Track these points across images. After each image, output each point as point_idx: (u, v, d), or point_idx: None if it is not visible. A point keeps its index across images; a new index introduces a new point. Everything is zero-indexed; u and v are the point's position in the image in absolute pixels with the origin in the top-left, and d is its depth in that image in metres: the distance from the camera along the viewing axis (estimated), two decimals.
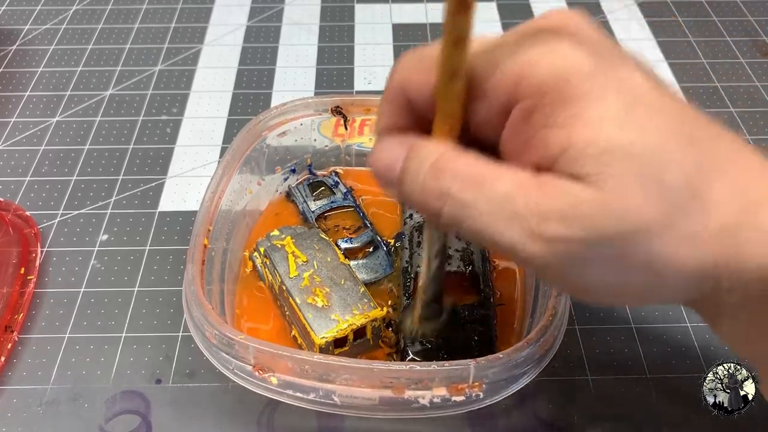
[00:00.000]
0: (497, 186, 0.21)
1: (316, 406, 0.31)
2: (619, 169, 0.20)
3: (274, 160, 0.43)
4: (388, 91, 0.25)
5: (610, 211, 0.20)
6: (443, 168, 0.22)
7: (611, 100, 0.21)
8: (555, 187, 0.21)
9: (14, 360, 0.37)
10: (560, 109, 0.21)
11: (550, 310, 0.31)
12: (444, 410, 0.30)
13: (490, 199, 0.21)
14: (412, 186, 0.23)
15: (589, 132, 0.20)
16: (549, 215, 0.21)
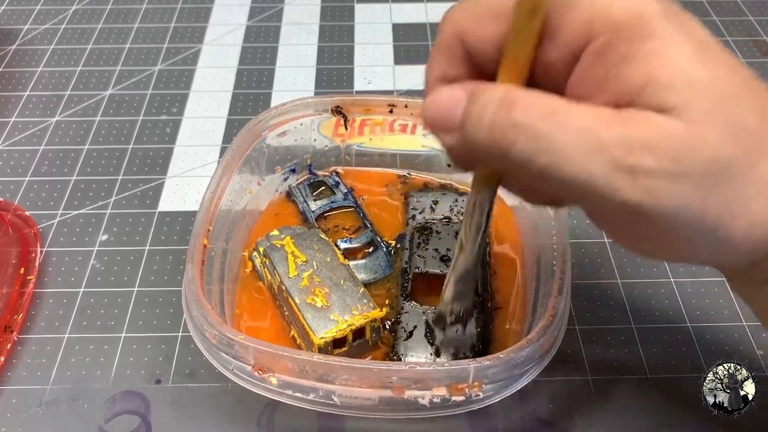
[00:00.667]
0: (577, 117, 0.21)
1: (316, 406, 0.31)
2: (705, 103, 0.20)
3: (274, 160, 0.43)
4: (442, 39, 0.24)
5: (701, 146, 0.20)
6: (514, 100, 0.21)
7: (685, 41, 0.21)
8: (640, 119, 0.20)
9: (14, 360, 0.37)
10: (638, 45, 0.21)
11: (550, 311, 0.31)
12: (444, 410, 0.30)
13: (570, 131, 0.20)
14: (479, 125, 0.22)
15: (671, 66, 0.20)
16: (636, 146, 0.20)
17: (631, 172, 0.20)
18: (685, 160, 0.20)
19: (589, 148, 0.20)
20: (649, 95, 0.20)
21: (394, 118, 0.43)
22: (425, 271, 0.37)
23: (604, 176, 0.20)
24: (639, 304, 0.39)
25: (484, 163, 0.24)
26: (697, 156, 0.20)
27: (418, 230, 0.40)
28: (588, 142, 0.20)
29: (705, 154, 0.20)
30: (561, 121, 0.21)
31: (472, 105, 0.22)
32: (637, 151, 0.20)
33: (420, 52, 0.58)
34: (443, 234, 0.39)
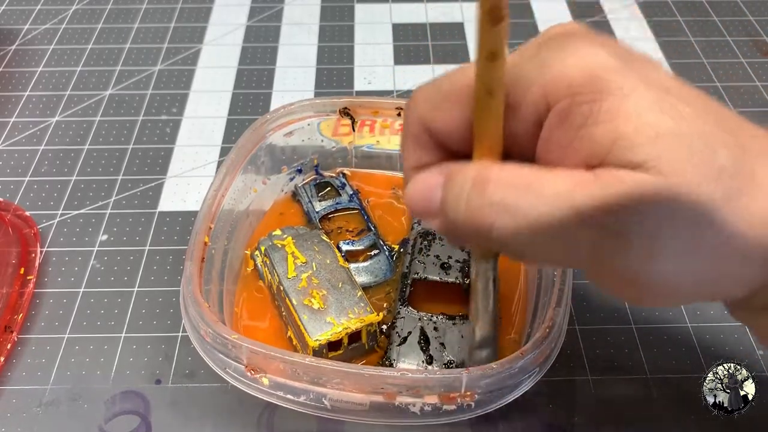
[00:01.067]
0: (552, 186, 0.21)
1: (307, 408, 0.31)
2: (674, 152, 0.20)
3: (280, 159, 0.43)
4: (410, 130, 0.25)
5: (676, 192, 0.20)
6: (487, 178, 0.22)
7: (644, 91, 0.21)
8: (613, 177, 0.20)
9: (14, 360, 0.37)
10: (598, 104, 0.21)
11: (547, 322, 0.31)
12: (435, 418, 0.30)
13: (547, 200, 0.21)
14: (457, 209, 0.22)
15: (635, 120, 0.20)
16: (619, 208, 0.20)
17: (616, 236, 0.21)
18: (667, 210, 0.20)
19: (567, 215, 0.20)
20: (617, 153, 0.20)
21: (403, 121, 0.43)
22: (424, 277, 0.37)
23: (587, 242, 0.21)
24: None
25: (473, 241, 0.25)
26: (679, 204, 0.20)
27: (421, 235, 0.40)
28: (566, 210, 0.20)
29: (686, 199, 0.20)
30: (538, 192, 0.21)
31: (448, 190, 0.23)
32: (617, 212, 0.20)
33: (420, 52, 0.58)
34: (445, 240, 0.39)
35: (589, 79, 0.21)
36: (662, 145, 0.20)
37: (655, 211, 0.20)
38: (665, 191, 0.20)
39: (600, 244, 0.21)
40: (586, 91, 0.21)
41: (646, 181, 0.20)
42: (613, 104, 0.20)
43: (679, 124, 0.20)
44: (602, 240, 0.21)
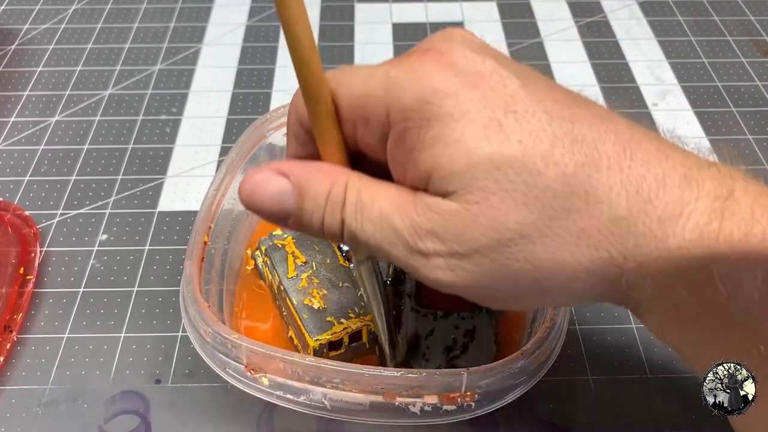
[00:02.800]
0: (377, 207, 0.23)
1: (307, 408, 0.30)
2: (484, 181, 0.21)
3: (281, 158, 0.43)
4: (289, 125, 0.26)
5: (479, 223, 0.21)
6: (337, 198, 0.24)
7: (474, 115, 0.21)
8: (427, 204, 0.22)
9: (13, 360, 0.37)
10: (425, 131, 0.22)
11: (547, 322, 0.30)
12: (435, 418, 0.30)
13: (374, 221, 0.23)
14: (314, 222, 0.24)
15: (451, 150, 0.21)
16: (423, 232, 0.22)
17: (424, 255, 0.22)
18: (469, 240, 0.21)
19: (389, 235, 0.23)
20: (435, 182, 0.22)
21: None
22: None
23: (406, 259, 0.23)
24: None
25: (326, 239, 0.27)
26: (481, 234, 0.21)
27: None
28: (388, 231, 0.23)
29: (489, 230, 0.21)
30: (367, 213, 0.23)
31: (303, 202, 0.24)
32: (424, 236, 0.22)
33: None
34: None
35: (421, 105, 0.22)
36: (474, 174, 0.21)
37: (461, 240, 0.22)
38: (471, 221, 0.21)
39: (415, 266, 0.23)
40: (416, 117, 0.22)
41: (452, 209, 0.22)
42: (439, 131, 0.21)
43: (498, 150, 0.21)
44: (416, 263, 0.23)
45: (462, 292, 0.23)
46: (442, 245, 0.22)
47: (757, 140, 0.50)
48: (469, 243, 0.22)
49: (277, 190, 0.24)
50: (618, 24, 0.61)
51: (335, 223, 0.24)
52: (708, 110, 0.53)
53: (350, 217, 0.23)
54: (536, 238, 0.21)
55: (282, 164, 0.25)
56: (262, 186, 0.25)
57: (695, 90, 0.54)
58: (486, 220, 0.21)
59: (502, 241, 0.21)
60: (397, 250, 0.23)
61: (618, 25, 0.61)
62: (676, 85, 0.55)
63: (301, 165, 0.25)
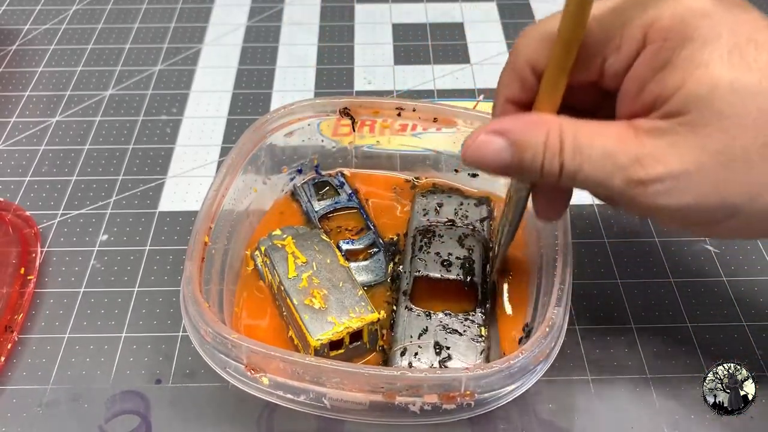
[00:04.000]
0: (597, 146, 0.24)
1: (307, 408, 0.31)
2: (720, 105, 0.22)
3: (281, 159, 0.43)
4: (514, 65, 0.27)
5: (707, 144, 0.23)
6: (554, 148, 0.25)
7: (723, 39, 0.23)
8: (656, 132, 0.23)
9: (14, 360, 0.37)
10: (679, 50, 0.23)
11: (547, 321, 0.31)
12: (434, 418, 0.30)
13: (593, 160, 0.24)
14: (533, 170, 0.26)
15: (700, 73, 0.22)
16: (646, 160, 0.23)
17: (643, 183, 0.24)
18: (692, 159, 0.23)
19: (609, 171, 0.24)
20: (674, 101, 0.23)
21: (404, 122, 0.43)
22: (426, 275, 0.37)
23: (624, 190, 0.24)
24: (639, 304, 0.39)
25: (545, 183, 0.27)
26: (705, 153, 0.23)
27: (420, 233, 0.40)
28: (608, 167, 0.24)
29: (717, 150, 0.23)
30: (588, 152, 0.24)
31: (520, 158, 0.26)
32: (647, 164, 0.23)
33: (420, 52, 0.58)
34: (445, 237, 0.39)
35: (679, 25, 0.23)
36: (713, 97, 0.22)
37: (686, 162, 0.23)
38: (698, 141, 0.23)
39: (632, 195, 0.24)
40: (673, 37, 0.23)
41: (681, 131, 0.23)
42: (691, 52, 0.23)
43: (740, 76, 0.22)
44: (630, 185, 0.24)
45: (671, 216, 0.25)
46: (665, 168, 0.23)
47: None
48: (693, 164, 0.23)
49: (497, 149, 0.26)
50: None
51: (554, 168, 0.25)
52: None
53: (569, 160, 0.25)
54: (758, 162, 0.23)
55: (497, 123, 0.26)
56: (483, 148, 0.26)
57: None
58: (714, 142, 0.22)
59: (725, 163, 0.23)
60: (616, 182, 0.24)
61: None
62: None
63: (514, 121, 0.26)
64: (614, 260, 0.42)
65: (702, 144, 0.23)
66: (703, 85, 0.22)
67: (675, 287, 0.40)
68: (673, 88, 0.23)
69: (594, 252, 0.42)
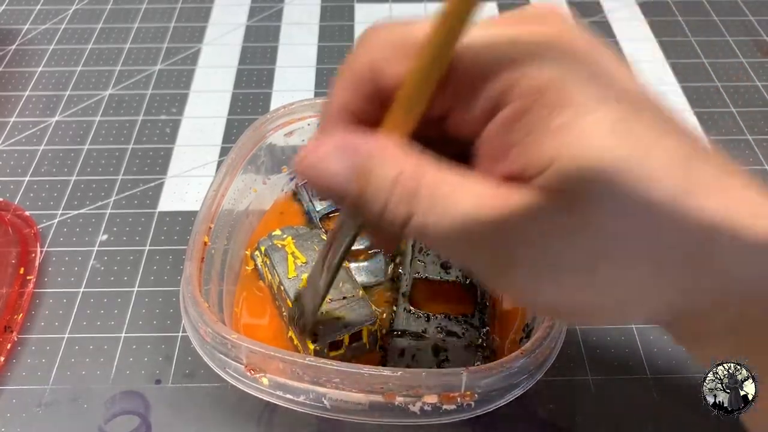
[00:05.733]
0: (461, 205, 0.20)
1: (307, 408, 0.30)
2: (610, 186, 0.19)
3: (281, 159, 0.43)
4: (353, 69, 0.23)
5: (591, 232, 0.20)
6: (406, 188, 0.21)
7: (608, 109, 0.19)
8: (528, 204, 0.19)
9: (13, 360, 0.37)
10: (554, 115, 0.19)
11: (547, 321, 0.31)
12: (434, 418, 0.30)
13: (454, 220, 0.20)
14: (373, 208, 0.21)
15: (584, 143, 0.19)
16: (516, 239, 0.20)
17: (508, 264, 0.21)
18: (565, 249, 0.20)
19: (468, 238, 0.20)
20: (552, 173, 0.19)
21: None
22: (425, 277, 0.37)
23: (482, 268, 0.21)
24: None
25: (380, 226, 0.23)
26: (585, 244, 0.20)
27: None
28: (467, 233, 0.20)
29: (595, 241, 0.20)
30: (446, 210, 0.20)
31: (366, 185, 0.21)
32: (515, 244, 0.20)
33: None
34: None
35: (555, 83, 0.19)
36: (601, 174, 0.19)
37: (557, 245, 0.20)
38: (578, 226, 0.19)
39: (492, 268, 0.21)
40: (546, 97, 0.19)
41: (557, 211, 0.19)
42: (569, 118, 0.19)
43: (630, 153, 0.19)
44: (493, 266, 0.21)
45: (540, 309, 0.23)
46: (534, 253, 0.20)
47: (757, 140, 0.50)
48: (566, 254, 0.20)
49: (338, 169, 0.21)
50: (618, 24, 0.61)
51: (400, 215, 0.21)
52: (708, 110, 0.53)
53: (421, 210, 0.20)
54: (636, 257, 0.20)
55: (346, 138, 0.22)
56: (324, 163, 0.22)
57: (695, 90, 0.54)
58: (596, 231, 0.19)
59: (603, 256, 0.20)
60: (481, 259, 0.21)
61: (618, 25, 0.61)
62: (676, 85, 0.55)
63: (366, 141, 0.22)
64: None
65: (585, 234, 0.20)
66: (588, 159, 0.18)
67: None
68: (547, 159, 0.19)
69: None
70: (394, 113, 0.22)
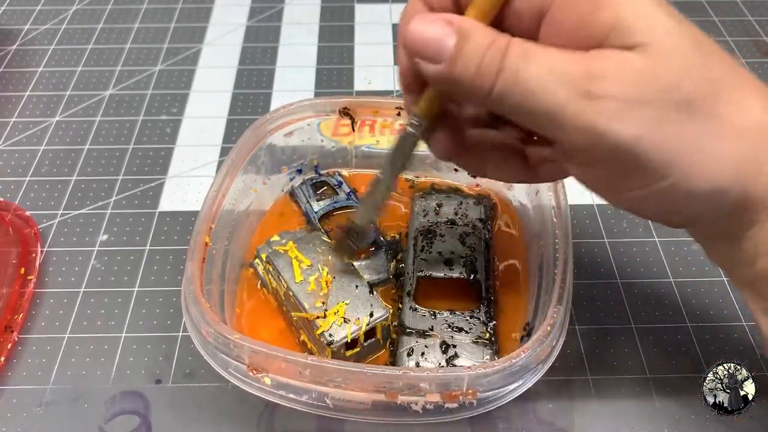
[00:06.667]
0: (548, 58, 0.23)
1: (309, 408, 0.31)
2: (668, 42, 0.22)
3: (281, 159, 0.43)
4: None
5: (656, 78, 0.22)
6: (500, 47, 0.23)
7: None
8: (605, 55, 0.22)
9: (14, 360, 0.37)
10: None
11: (548, 320, 0.31)
12: (437, 417, 0.30)
13: (542, 68, 0.23)
14: (468, 65, 0.23)
15: (636, 9, 0.22)
16: (597, 76, 0.22)
17: (591, 97, 0.22)
18: (642, 87, 0.22)
19: (557, 80, 0.22)
20: (615, 37, 0.22)
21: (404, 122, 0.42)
22: (429, 274, 0.37)
23: (568, 103, 0.22)
24: (639, 304, 0.39)
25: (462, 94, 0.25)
26: (655, 85, 0.22)
27: (422, 233, 0.40)
28: (556, 76, 0.22)
29: (663, 83, 0.22)
30: (536, 62, 0.23)
31: (462, 46, 0.23)
32: (597, 80, 0.22)
33: None
34: (447, 236, 0.39)
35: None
36: (658, 34, 0.22)
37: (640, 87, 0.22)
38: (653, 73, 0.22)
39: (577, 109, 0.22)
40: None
41: (634, 58, 0.22)
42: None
43: (677, 22, 0.22)
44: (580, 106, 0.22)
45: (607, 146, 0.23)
46: (616, 88, 0.22)
47: None
48: (644, 92, 0.22)
49: (441, 35, 0.24)
50: None
51: (493, 67, 0.23)
52: None
53: (513, 60, 0.23)
54: (701, 112, 0.22)
55: (444, 15, 0.24)
56: (430, 30, 0.24)
57: None
58: (665, 77, 0.22)
59: (673, 101, 0.22)
60: (561, 92, 0.22)
61: None
62: None
63: (461, 18, 0.24)
64: (614, 260, 0.42)
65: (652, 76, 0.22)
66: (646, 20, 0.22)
67: (675, 287, 0.40)
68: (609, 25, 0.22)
69: (594, 252, 0.42)
70: (475, 5, 0.24)
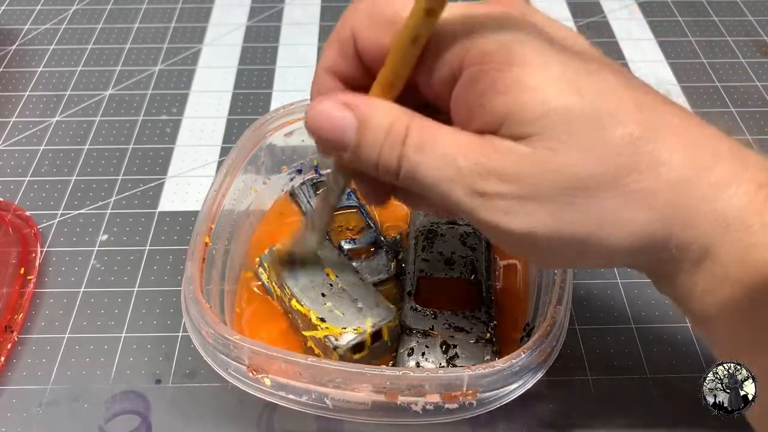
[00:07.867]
0: (440, 146, 0.23)
1: (309, 408, 0.30)
2: (559, 130, 0.21)
3: (281, 159, 0.43)
4: (339, 34, 0.26)
5: (548, 168, 0.22)
6: (399, 134, 0.24)
7: (553, 66, 0.22)
8: (496, 147, 0.22)
9: (14, 360, 0.37)
10: (502, 75, 0.22)
11: (548, 320, 0.31)
12: (437, 417, 0.30)
13: (436, 158, 0.23)
14: (370, 155, 0.24)
15: (530, 96, 0.22)
16: (487, 172, 0.22)
17: (483, 195, 0.23)
18: (531, 182, 0.22)
19: (450, 175, 0.23)
20: (508, 126, 0.22)
21: None
22: (429, 275, 0.37)
23: (462, 200, 0.23)
24: (639, 304, 0.39)
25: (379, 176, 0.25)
26: (545, 177, 0.22)
27: (422, 233, 0.40)
28: (449, 170, 0.23)
29: (554, 175, 0.22)
30: (431, 154, 0.23)
31: (362, 136, 0.24)
32: (487, 176, 0.22)
33: None
34: (448, 237, 0.39)
35: (501, 49, 0.22)
36: (549, 122, 0.22)
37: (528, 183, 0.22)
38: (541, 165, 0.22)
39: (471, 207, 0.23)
40: (495, 60, 0.22)
41: (523, 152, 0.22)
42: (516, 77, 0.22)
43: (574, 102, 0.22)
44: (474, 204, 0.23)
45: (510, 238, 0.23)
46: (505, 186, 0.22)
47: (757, 140, 0.50)
48: (533, 186, 0.22)
49: (340, 121, 0.24)
50: (618, 24, 0.61)
51: (393, 158, 0.24)
52: (708, 110, 0.53)
53: (410, 152, 0.23)
54: (599, 192, 0.22)
55: (347, 96, 0.25)
56: (327, 114, 0.25)
57: (695, 90, 0.55)
58: (554, 167, 0.22)
59: (566, 189, 0.22)
60: (456, 189, 0.23)
61: (618, 25, 0.61)
62: (675, 85, 0.55)
63: (365, 98, 0.25)
64: None
65: (543, 168, 0.22)
66: (535, 110, 0.22)
67: None
68: (502, 112, 0.22)
69: None
70: (381, 80, 0.25)
